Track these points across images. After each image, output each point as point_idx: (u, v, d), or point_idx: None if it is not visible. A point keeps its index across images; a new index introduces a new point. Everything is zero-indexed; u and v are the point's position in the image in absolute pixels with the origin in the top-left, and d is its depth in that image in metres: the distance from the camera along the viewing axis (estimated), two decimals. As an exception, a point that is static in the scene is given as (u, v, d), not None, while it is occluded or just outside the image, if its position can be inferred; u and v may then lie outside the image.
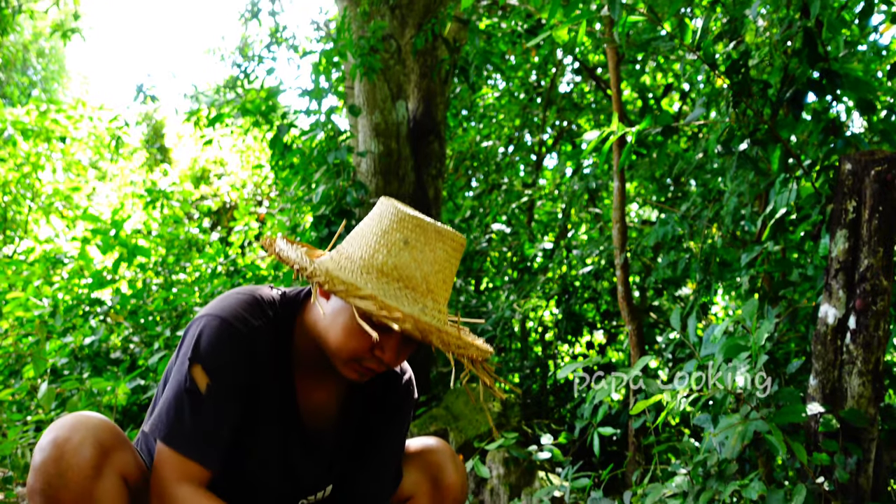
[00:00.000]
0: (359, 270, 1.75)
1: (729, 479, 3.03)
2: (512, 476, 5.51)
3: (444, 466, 2.17)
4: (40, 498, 1.67)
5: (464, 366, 1.77)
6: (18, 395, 5.42)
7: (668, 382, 4.17)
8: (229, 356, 1.79)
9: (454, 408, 6.72)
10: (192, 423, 1.75)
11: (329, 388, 2.00)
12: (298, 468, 2.00)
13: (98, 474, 1.68)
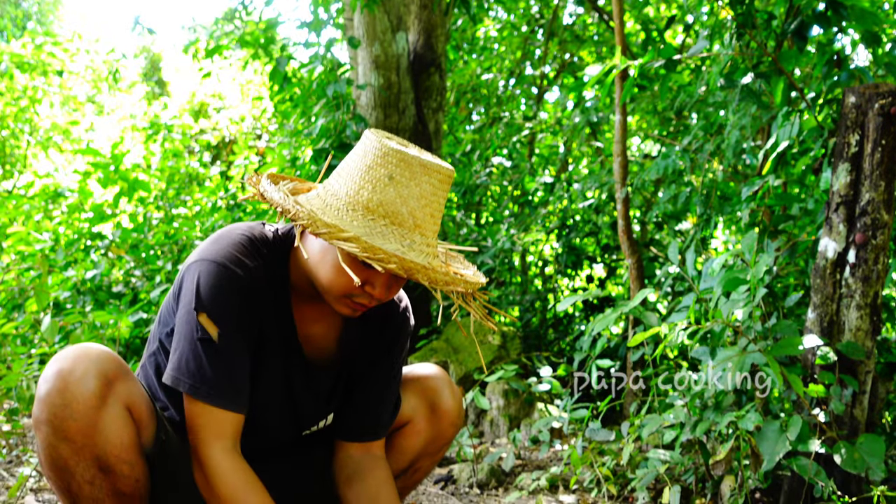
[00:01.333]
0: (344, 208, 1.75)
1: (725, 411, 3.06)
2: (511, 407, 5.58)
3: (440, 392, 2.21)
4: (46, 428, 1.69)
5: (459, 299, 1.78)
6: (22, 329, 5.45)
7: (666, 316, 4.20)
8: (232, 301, 1.80)
9: (454, 340, 6.77)
10: (213, 371, 1.77)
11: (327, 321, 2.02)
12: (300, 401, 2.02)
13: (103, 404, 1.70)
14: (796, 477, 3.04)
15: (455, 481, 4.23)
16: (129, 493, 1.78)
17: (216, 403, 1.78)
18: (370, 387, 2.08)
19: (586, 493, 3.91)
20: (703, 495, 3.33)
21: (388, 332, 2.10)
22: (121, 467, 1.74)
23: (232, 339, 1.81)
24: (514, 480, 4.16)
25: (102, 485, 1.74)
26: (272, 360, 1.94)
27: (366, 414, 2.08)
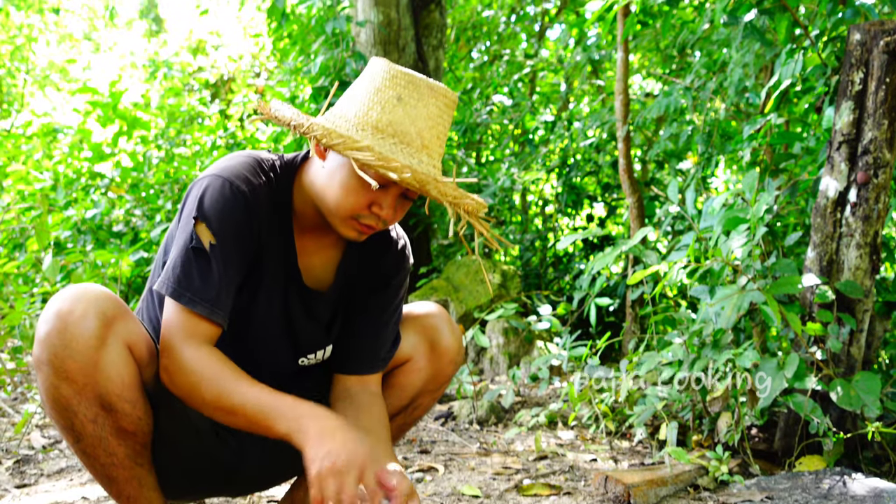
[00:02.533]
0: (354, 128, 1.76)
1: (723, 348, 3.08)
2: (511, 345, 5.62)
3: (440, 329, 2.22)
4: (47, 368, 1.70)
5: (464, 223, 1.79)
6: (23, 268, 5.47)
7: (666, 255, 4.20)
8: (233, 213, 1.80)
9: (455, 279, 6.79)
10: (200, 279, 1.77)
11: (327, 251, 2.02)
12: (298, 328, 2.03)
13: (102, 344, 1.71)
14: (792, 414, 3.07)
15: (455, 418, 4.27)
16: (132, 431, 1.80)
17: (196, 310, 1.77)
18: (368, 320, 2.09)
19: (584, 429, 3.96)
20: (699, 431, 3.37)
21: (387, 266, 2.10)
22: (122, 406, 1.76)
23: (224, 252, 1.81)
24: (514, 417, 4.21)
25: (105, 423, 1.76)
26: (271, 285, 1.95)
27: (364, 347, 2.09)
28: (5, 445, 3.40)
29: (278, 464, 2.22)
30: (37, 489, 2.84)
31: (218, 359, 1.78)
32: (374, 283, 2.11)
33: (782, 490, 2.65)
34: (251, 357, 1.98)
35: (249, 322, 1.96)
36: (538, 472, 3.13)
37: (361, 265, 2.10)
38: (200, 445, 1.99)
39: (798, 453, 2.99)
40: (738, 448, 3.10)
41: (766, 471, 2.99)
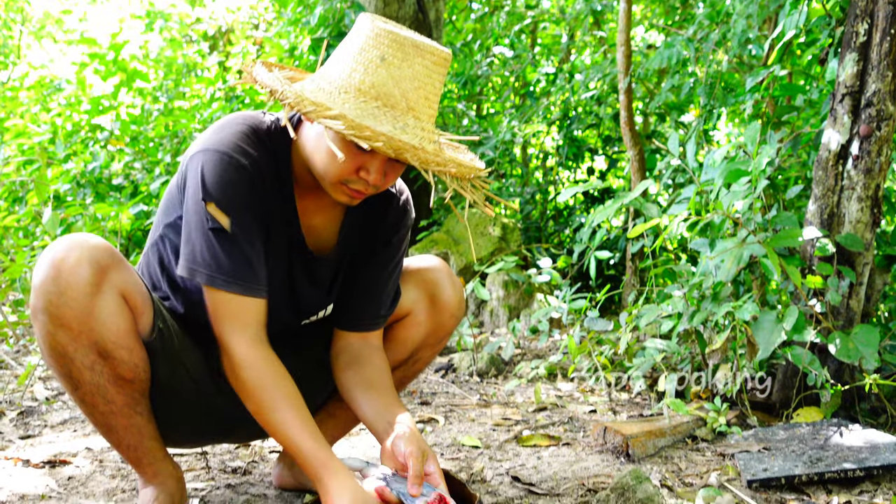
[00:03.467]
0: (336, 91, 1.72)
1: (723, 301, 3.10)
2: (511, 298, 5.64)
3: (441, 283, 2.22)
4: (43, 316, 1.71)
5: (455, 183, 1.77)
6: (23, 222, 5.47)
7: (667, 207, 4.21)
8: (239, 189, 1.79)
9: (455, 232, 6.80)
10: (229, 259, 1.78)
11: (329, 212, 2.01)
12: (301, 291, 2.04)
13: (97, 291, 1.72)
14: (790, 366, 3.09)
15: (455, 370, 4.31)
16: (130, 379, 1.82)
17: (235, 290, 1.79)
18: (370, 276, 2.09)
19: (584, 381, 3.99)
20: (698, 384, 3.40)
21: (389, 222, 2.09)
22: (119, 353, 1.77)
23: (244, 226, 1.81)
24: (514, 369, 4.24)
25: (103, 370, 1.77)
26: (275, 250, 1.95)
27: (365, 303, 2.10)
28: (9, 397, 3.43)
29: None
30: (40, 440, 2.87)
31: (268, 366, 1.85)
32: (376, 240, 2.11)
33: (779, 441, 2.68)
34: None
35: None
36: (537, 424, 3.16)
37: (364, 225, 2.09)
38: (199, 394, 2.01)
39: (796, 405, 3.02)
40: (737, 400, 3.13)
41: (763, 422, 3.02)
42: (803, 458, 2.48)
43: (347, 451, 2.78)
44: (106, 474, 2.48)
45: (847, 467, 2.37)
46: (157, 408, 1.94)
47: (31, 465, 2.55)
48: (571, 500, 2.28)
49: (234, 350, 1.82)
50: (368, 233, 2.10)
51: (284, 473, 2.34)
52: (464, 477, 2.48)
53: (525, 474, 2.51)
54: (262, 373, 1.82)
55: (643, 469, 2.52)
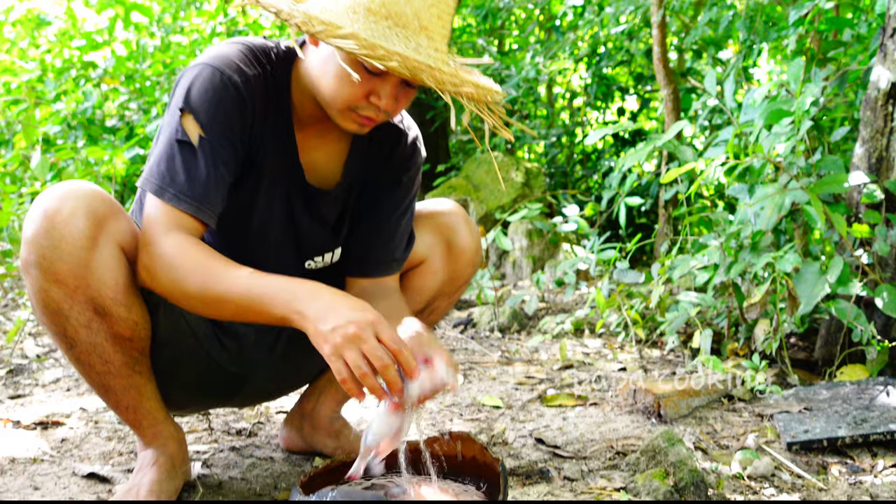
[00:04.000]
0: (344, 11, 1.69)
1: (762, 252, 3.09)
2: (535, 248, 5.64)
3: (457, 229, 2.22)
4: (36, 271, 1.71)
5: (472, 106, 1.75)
6: (11, 167, 5.49)
7: (703, 151, 4.18)
8: (223, 105, 1.77)
9: (475, 177, 6.78)
10: (185, 175, 1.74)
11: (331, 147, 2.00)
12: (302, 229, 2.03)
13: (93, 244, 1.71)
14: (834, 321, 3.09)
15: (475, 325, 4.32)
16: (128, 337, 1.82)
17: (183, 208, 1.73)
18: (380, 218, 2.08)
19: (613, 337, 4.00)
20: (735, 340, 3.40)
21: (397, 160, 2.08)
22: (117, 310, 1.77)
23: (214, 146, 1.77)
24: (537, 324, 4.25)
25: (99, 328, 1.78)
26: (271, 185, 1.93)
27: (376, 247, 2.09)
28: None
29: (284, 372, 2.25)
30: (31, 400, 2.91)
31: (201, 247, 1.74)
32: (384, 180, 2.10)
33: (821, 401, 2.68)
34: (252, 262, 1.99)
35: (249, 225, 1.96)
36: (563, 382, 3.17)
37: (370, 161, 2.08)
38: (201, 351, 2.02)
39: (839, 363, 3.02)
40: (776, 357, 3.13)
41: (804, 381, 3.03)
42: (847, 419, 2.48)
43: (360, 413, 2.80)
44: (101, 436, 2.52)
45: (894, 429, 2.37)
46: (157, 368, 1.95)
47: (21, 427, 2.58)
48: (599, 464, 2.29)
49: (159, 244, 1.72)
50: (376, 171, 2.09)
51: (292, 435, 2.36)
52: (484, 439, 2.50)
53: (549, 436, 2.53)
54: (192, 251, 1.72)
55: (676, 431, 2.53)
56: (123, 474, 2.17)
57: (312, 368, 2.32)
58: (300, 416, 2.35)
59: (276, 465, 2.29)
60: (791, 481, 2.19)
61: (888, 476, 2.22)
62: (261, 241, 2.00)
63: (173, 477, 1.97)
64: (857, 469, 2.28)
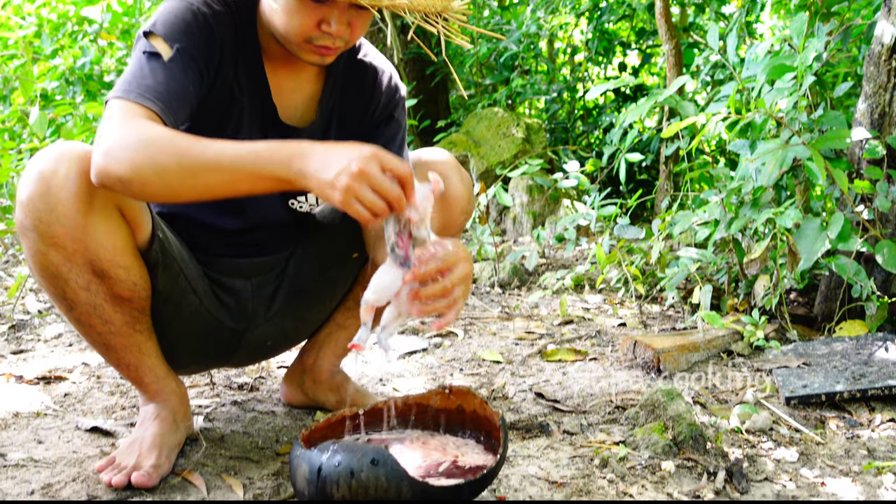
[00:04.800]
0: None
1: (763, 207, 3.09)
2: (536, 204, 5.64)
3: (448, 177, 2.13)
4: (33, 234, 1.70)
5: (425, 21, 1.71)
6: (9, 123, 5.47)
7: (704, 106, 4.17)
8: (190, 29, 1.76)
9: (475, 133, 6.77)
10: (154, 79, 1.69)
11: (304, 85, 1.98)
12: None
13: (90, 207, 1.69)
14: (834, 277, 3.10)
15: (475, 281, 4.33)
16: (128, 297, 1.83)
17: (145, 104, 1.65)
18: None
19: (613, 292, 4.01)
20: (735, 295, 3.41)
21: (378, 100, 2.05)
22: (116, 271, 1.77)
23: (184, 63, 1.73)
24: (538, 280, 4.26)
25: (98, 290, 1.77)
26: (248, 122, 1.91)
27: None
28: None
29: (283, 327, 2.26)
30: (33, 355, 2.92)
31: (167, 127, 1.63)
32: (367, 119, 2.08)
33: (820, 356, 2.70)
34: (234, 206, 1.98)
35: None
36: (563, 337, 3.19)
37: (347, 98, 2.06)
38: (200, 308, 2.02)
39: (839, 318, 3.03)
40: (776, 313, 3.15)
41: (804, 336, 3.04)
42: (845, 374, 2.50)
43: (361, 367, 2.82)
44: (104, 391, 2.53)
45: (892, 384, 2.38)
46: (157, 326, 1.96)
47: (24, 382, 2.60)
48: (598, 418, 2.31)
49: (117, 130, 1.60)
50: (357, 109, 2.07)
51: (293, 390, 2.38)
52: (484, 393, 2.52)
53: (549, 391, 2.55)
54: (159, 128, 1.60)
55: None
56: (126, 428, 2.19)
57: (311, 323, 2.34)
58: (300, 371, 2.37)
59: (278, 419, 2.31)
60: (789, 435, 2.21)
61: (885, 430, 2.24)
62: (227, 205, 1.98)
63: (175, 430, 1.99)
64: (854, 423, 2.30)
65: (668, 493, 1.85)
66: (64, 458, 1.98)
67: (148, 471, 1.84)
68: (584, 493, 1.83)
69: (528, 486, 1.87)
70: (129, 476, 1.82)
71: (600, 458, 2.01)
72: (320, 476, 1.55)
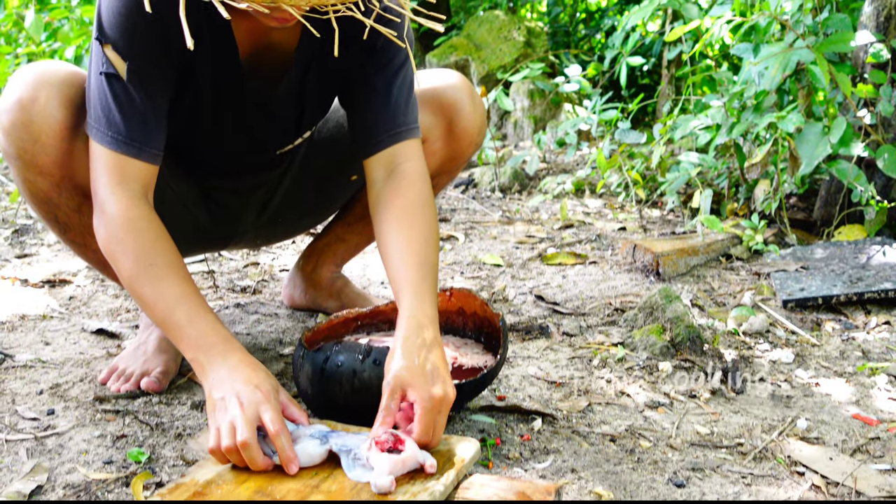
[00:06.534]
0: None
1: (765, 112, 3.07)
2: (537, 108, 5.61)
3: (460, 107, 2.06)
4: (19, 163, 1.69)
5: None
6: (5, 27, 5.41)
7: (708, 9, 4.11)
8: (137, 30, 1.60)
9: (476, 36, 6.69)
10: (120, 113, 1.62)
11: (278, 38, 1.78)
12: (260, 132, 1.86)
13: (74, 134, 1.67)
14: (834, 181, 3.10)
15: (476, 185, 4.34)
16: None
17: (124, 151, 1.62)
18: (367, 89, 1.85)
19: (613, 197, 4.02)
20: (735, 200, 3.42)
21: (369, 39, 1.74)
22: (104, 193, 1.75)
23: (140, 75, 1.62)
24: (538, 184, 4.26)
25: (90, 211, 1.70)
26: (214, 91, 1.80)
27: (374, 118, 1.85)
28: (1, 215, 3.49)
29: (274, 231, 2.27)
30: (37, 259, 2.94)
31: (149, 230, 1.64)
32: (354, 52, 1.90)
33: (818, 260, 2.72)
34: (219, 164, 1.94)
35: (202, 135, 1.88)
36: (563, 241, 3.21)
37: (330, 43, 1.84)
38: (189, 216, 2.00)
39: (838, 223, 3.04)
40: (775, 217, 3.16)
41: (802, 241, 3.06)
42: (843, 277, 2.52)
43: (361, 270, 2.84)
44: (108, 294, 2.56)
45: (888, 287, 2.41)
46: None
47: (29, 285, 2.62)
48: (597, 320, 2.34)
49: (110, 205, 1.61)
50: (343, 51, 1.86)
51: (296, 293, 2.40)
52: (485, 296, 2.54)
53: (549, 293, 2.57)
54: (143, 234, 1.63)
55: (673, 288, 2.57)
56: (131, 330, 2.22)
57: (303, 227, 2.35)
58: (301, 278, 2.38)
59: (281, 321, 2.34)
60: (785, 337, 2.24)
61: (880, 333, 2.27)
62: (219, 148, 1.91)
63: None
64: (850, 326, 2.33)
65: (665, 393, 1.88)
66: (71, 359, 2.01)
67: (157, 376, 1.86)
68: (583, 393, 1.87)
69: (527, 385, 1.90)
70: (137, 383, 1.84)
71: (599, 359, 2.04)
72: (323, 376, 1.58)
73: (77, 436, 1.62)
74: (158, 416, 1.72)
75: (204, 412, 1.76)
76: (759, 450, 1.62)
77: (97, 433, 1.63)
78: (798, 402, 1.86)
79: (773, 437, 1.67)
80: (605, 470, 1.52)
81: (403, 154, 1.83)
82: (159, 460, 1.54)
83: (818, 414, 1.80)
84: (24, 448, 1.57)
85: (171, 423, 1.70)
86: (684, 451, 1.61)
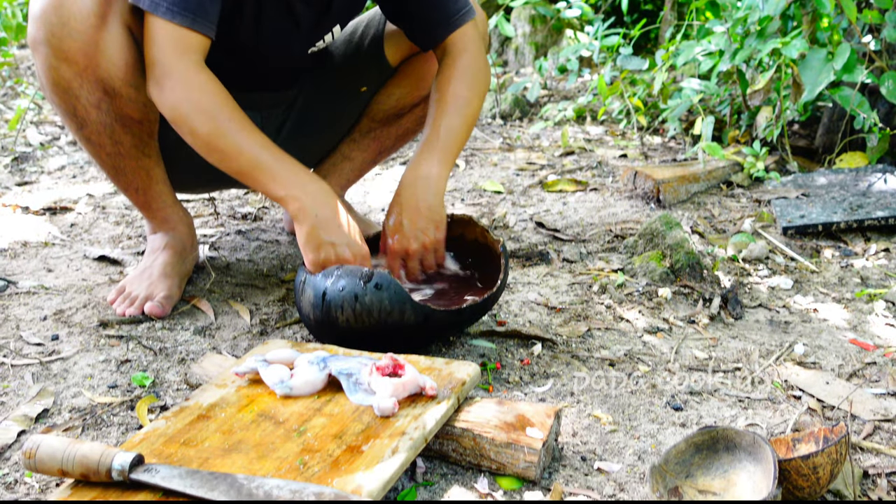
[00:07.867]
0: None
1: (769, 38, 3.05)
2: (538, 34, 5.55)
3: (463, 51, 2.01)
4: (45, 49, 1.70)
5: None
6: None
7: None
8: None
9: (476, -39, 6.60)
10: None
11: None
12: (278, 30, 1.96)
13: (103, 23, 1.68)
14: (837, 109, 3.09)
15: (476, 113, 4.31)
16: (138, 119, 1.82)
17: (179, 21, 1.66)
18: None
19: (615, 124, 4.00)
20: (737, 127, 3.41)
21: None
22: (126, 90, 1.77)
23: None
24: (539, 111, 4.24)
25: (109, 108, 1.78)
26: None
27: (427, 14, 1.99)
28: (1, 143, 3.48)
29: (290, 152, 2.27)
30: (38, 187, 2.94)
31: (220, 91, 1.72)
32: None
33: (819, 187, 2.72)
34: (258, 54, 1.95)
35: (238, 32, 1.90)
36: (564, 168, 3.20)
37: None
38: None
39: (839, 150, 3.04)
40: (777, 144, 3.15)
41: (804, 168, 3.05)
42: (843, 204, 2.53)
43: (362, 197, 2.84)
44: (110, 221, 2.57)
45: (888, 214, 2.41)
46: (164, 150, 1.97)
47: (30, 213, 2.63)
48: (598, 246, 2.35)
49: (179, 70, 1.68)
50: None
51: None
52: (485, 222, 2.55)
53: (549, 220, 2.58)
54: (216, 94, 1.71)
55: (674, 215, 2.58)
56: (133, 257, 2.23)
57: (315, 153, 2.35)
58: (304, 201, 2.39)
59: (282, 247, 2.35)
60: (784, 264, 2.25)
61: (879, 259, 2.28)
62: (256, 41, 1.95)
63: (184, 259, 2.02)
64: (849, 252, 2.34)
65: (664, 318, 1.90)
66: (74, 286, 2.02)
67: (161, 301, 1.88)
68: (583, 318, 1.88)
69: (527, 311, 1.92)
70: (141, 307, 1.87)
71: (599, 285, 2.06)
72: (325, 300, 1.59)
73: (81, 360, 1.64)
74: (162, 342, 1.74)
75: (206, 337, 1.78)
76: (756, 374, 1.64)
77: (101, 358, 1.65)
78: (796, 328, 1.88)
79: (771, 362, 1.69)
80: (604, 393, 1.55)
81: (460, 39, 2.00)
82: (163, 384, 1.57)
83: (815, 339, 1.82)
84: (30, 373, 1.59)
85: (174, 347, 1.72)
86: (682, 375, 1.64)
